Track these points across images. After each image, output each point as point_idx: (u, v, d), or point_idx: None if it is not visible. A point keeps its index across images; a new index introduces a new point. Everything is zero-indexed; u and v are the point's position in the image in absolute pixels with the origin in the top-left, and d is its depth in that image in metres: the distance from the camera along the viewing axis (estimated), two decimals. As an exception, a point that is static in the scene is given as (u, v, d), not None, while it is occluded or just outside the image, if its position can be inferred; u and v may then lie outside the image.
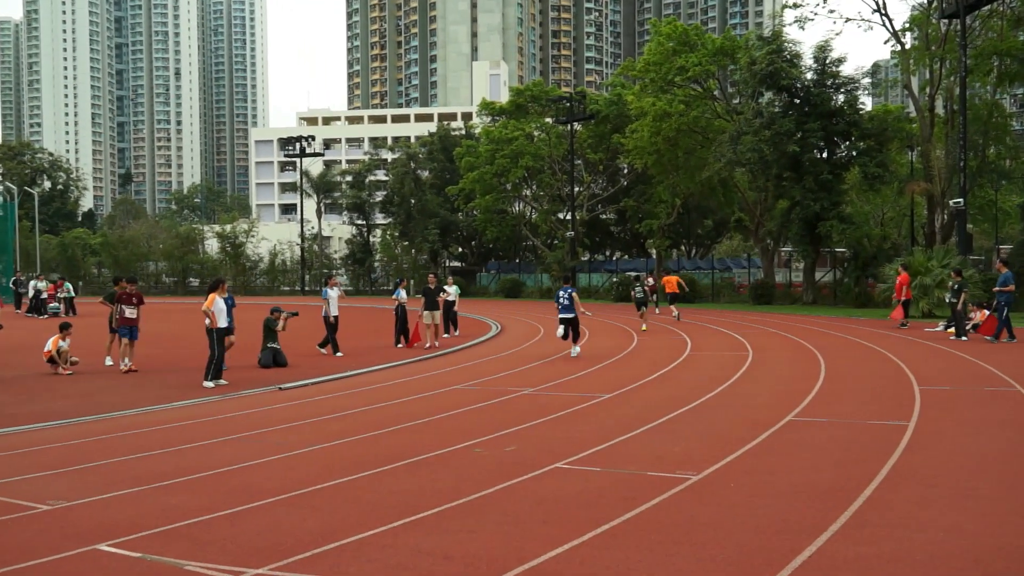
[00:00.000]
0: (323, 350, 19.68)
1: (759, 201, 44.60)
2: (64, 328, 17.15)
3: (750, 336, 22.79)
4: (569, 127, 53.24)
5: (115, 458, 8.98)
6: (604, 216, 62.43)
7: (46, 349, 16.86)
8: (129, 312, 16.61)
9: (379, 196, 70.06)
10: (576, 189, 56.52)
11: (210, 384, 14.36)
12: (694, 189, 47.74)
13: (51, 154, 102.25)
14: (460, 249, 71.77)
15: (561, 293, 18.67)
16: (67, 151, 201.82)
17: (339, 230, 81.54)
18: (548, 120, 57.12)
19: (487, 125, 59.83)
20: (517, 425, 10.44)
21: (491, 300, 52.57)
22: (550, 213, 57.79)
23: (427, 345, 20.92)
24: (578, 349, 18.47)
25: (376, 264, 68.29)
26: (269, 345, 17.71)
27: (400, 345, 21.44)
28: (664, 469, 7.98)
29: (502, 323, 29.80)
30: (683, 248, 67.44)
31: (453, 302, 24.58)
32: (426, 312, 21.43)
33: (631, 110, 46.47)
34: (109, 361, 17.86)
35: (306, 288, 65.07)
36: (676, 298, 31.12)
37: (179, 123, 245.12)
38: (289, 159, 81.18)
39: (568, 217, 56.04)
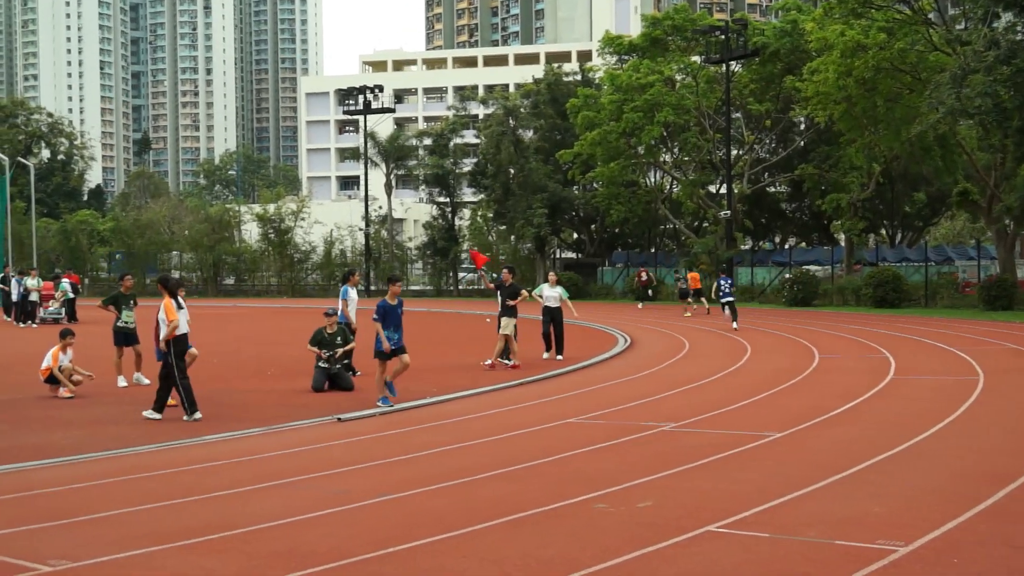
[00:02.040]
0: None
1: (993, 166, 43.16)
2: (65, 336, 17.87)
3: (980, 354, 22.14)
4: (724, 68, 52.63)
5: (130, 507, 9.32)
6: (773, 189, 61.46)
7: (44, 365, 17.62)
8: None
9: (467, 165, 70.69)
10: (734, 153, 55.75)
11: (156, 416, 14.58)
12: (900, 151, 46.66)
13: (50, 114, 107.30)
14: (575, 235, 71.69)
15: (723, 283, 31.38)
16: (69, 110, 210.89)
17: (414, 210, 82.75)
18: (695, 59, 56.63)
19: (612, 68, 59.71)
20: (654, 473, 10.40)
21: (617, 303, 52.38)
22: (697, 185, 57.24)
23: (487, 363, 21.05)
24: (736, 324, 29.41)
25: (463, 255, 68.99)
26: (322, 364, 18.08)
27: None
28: (859, 537, 7.82)
29: (632, 334, 29.72)
30: (884, 232, 65.80)
31: (556, 309, 23.35)
32: (503, 319, 21.42)
33: (810, 43, 45.69)
34: (123, 382, 18.54)
35: (371, 287, 66.22)
36: (700, 293, 41.83)
37: (209, 72, 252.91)
38: (350, 117, 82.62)
39: (723, 191, 55.34)
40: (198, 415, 14.59)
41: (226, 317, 42.59)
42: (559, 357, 22.88)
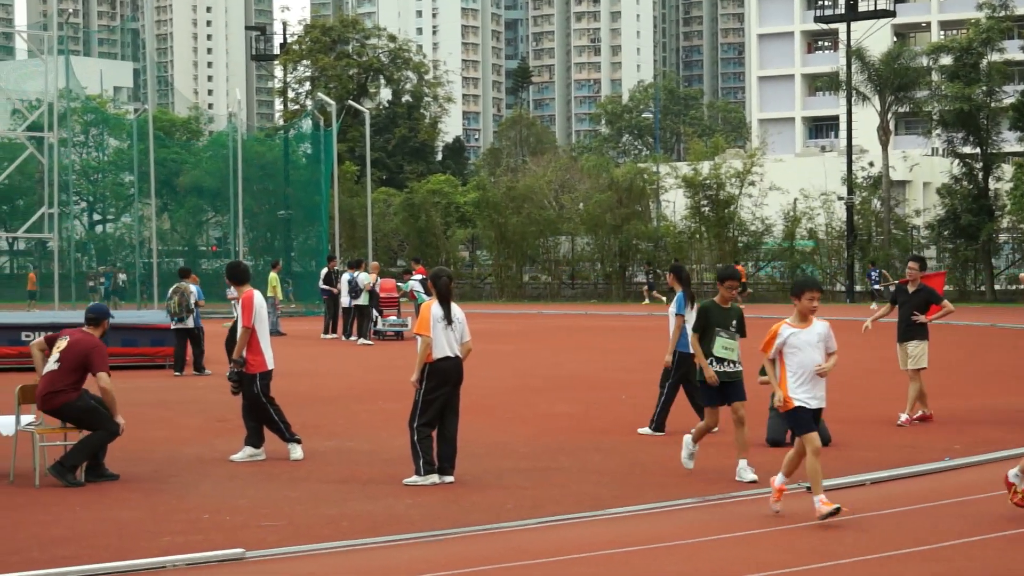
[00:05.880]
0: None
1: None
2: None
3: None
4: None
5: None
6: None
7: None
8: None
9: (1010, 95, 68.43)
10: None
11: (423, 480, 14.88)
12: None
13: (392, 38, 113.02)
14: None
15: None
16: (418, 31, 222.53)
17: (924, 168, 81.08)
18: None
19: None
20: None
21: None
22: None
23: (904, 419, 19.64)
24: None
25: (1003, 236, 66.94)
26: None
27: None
28: None
29: None
30: None
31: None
32: (909, 344, 19.77)
33: None
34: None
35: (855, 289, 65.45)
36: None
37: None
38: (825, 27, 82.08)
39: None
40: (431, 479, 14.86)
41: (637, 331, 43.41)
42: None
